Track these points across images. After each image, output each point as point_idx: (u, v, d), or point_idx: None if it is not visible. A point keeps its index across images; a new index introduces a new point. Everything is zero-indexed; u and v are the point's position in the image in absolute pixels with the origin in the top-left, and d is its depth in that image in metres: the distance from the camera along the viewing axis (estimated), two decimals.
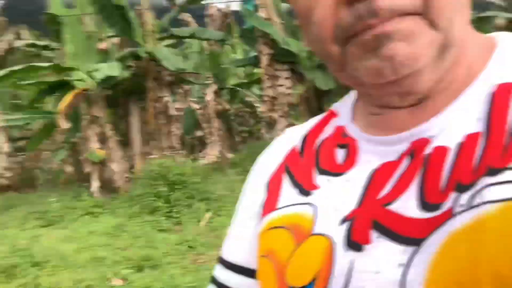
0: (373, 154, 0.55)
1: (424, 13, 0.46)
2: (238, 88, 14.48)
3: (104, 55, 11.06)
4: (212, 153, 11.58)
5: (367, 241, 0.49)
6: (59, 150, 12.16)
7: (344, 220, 0.52)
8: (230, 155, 11.85)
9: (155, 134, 10.76)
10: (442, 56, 0.49)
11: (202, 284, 4.44)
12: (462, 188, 0.46)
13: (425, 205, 0.47)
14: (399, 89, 0.50)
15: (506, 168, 0.44)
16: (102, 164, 9.92)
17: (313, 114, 9.56)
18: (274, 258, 0.57)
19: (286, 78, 10.55)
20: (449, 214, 0.45)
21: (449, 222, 0.45)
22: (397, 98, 0.52)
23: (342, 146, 0.59)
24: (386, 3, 0.45)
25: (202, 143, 13.33)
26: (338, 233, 0.52)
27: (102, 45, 11.24)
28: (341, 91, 10.29)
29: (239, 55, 16.79)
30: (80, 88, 9.77)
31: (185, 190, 8.05)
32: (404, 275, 0.46)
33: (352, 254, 0.50)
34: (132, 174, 9.93)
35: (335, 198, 0.55)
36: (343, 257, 0.51)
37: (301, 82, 10.77)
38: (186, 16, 16.59)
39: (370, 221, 0.50)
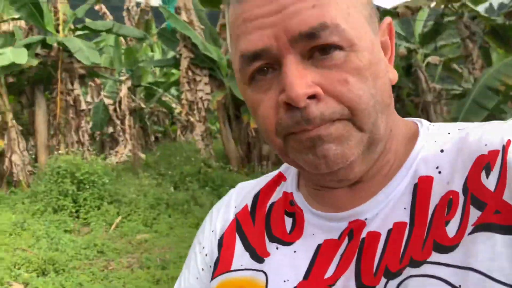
0: (317, 227, 0.63)
1: (351, 120, 0.55)
2: (154, 87, 14.16)
3: (7, 38, 10.25)
4: (123, 152, 11.20)
5: None
6: None
7: None
8: (142, 155, 11.55)
9: (62, 128, 10.17)
10: (370, 150, 0.58)
11: None
12: (390, 275, 0.54)
13: (362, 286, 0.56)
14: (335, 178, 0.60)
15: (425, 262, 0.53)
16: (0, 154, 9.18)
17: (230, 121, 9.62)
18: None
19: (206, 83, 10.57)
20: None
21: None
22: (335, 183, 0.61)
23: (289, 214, 0.67)
24: (318, 113, 0.54)
25: (112, 140, 12.84)
26: None
27: (4, 27, 10.42)
28: None
29: (157, 53, 16.44)
30: None
31: (94, 190, 7.68)
32: None
33: None
34: (35, 168, 9.29)
35: (285, 269, 0.62)
36: None
37: (220, 89, 10.84)
38: (102, 7, 15.92)
39: None
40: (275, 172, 0.76)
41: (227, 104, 10.93)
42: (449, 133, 0.61)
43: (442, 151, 0.59)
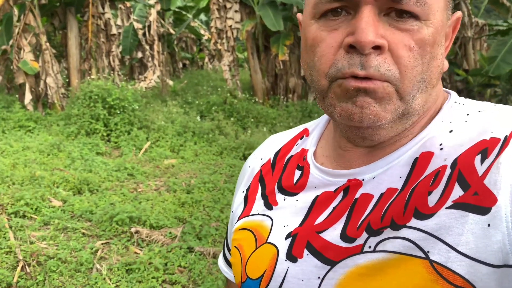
0: (319, 181, 0.71)
1: (397, 86, 0.58)
2: (183, 12, 14.01)
3: None
4: (152, 77, 11.40)
5: (300, 256, 0.67)
6: None
7: (288, 235, 0.70)
8: (170, 82, 11.74)
9: (93, 52, 10.36)
10: (401, 121, 0.63)
11: (143, 214, 4.66)
12: (371, 231, 0.61)
13: (345, 236, 0.63)
14: (360, 134, 0.65)
15: (405, 226, 0.58)
16: (35, 76, 9.50)
17: (259, 52, 9.51)
18: (242, 251, 0.76)
19: (236, 11, 10.41)
20: (359, 249, 0.61)
21: (357, 256, 0.61)
22: (359, 139, 0.66)
23: (300, 168, 0.76)
24: (375, 63, 0.57)
25: (141, 66, 13.02)
26: (283, 246, 0.70)
27: None
28: (290, 33, 10.38)
29: None
30: None
31: (125, 115, 7.99)
32: (320, 285, 0.64)
33: (288, 263, 0.68)
34: (68, 91, 9.63)
35: (287, 216, 0.72)
36: (282, 264, 0.69)
37: (250, 18, 10.68)
38: None
39: (305, 241, 0.67)
40: (303, 127, 0.83)
41: (256, 34, 10.82)
42: (467, 114, 0.64)
43: (451, 131, 0.62)
